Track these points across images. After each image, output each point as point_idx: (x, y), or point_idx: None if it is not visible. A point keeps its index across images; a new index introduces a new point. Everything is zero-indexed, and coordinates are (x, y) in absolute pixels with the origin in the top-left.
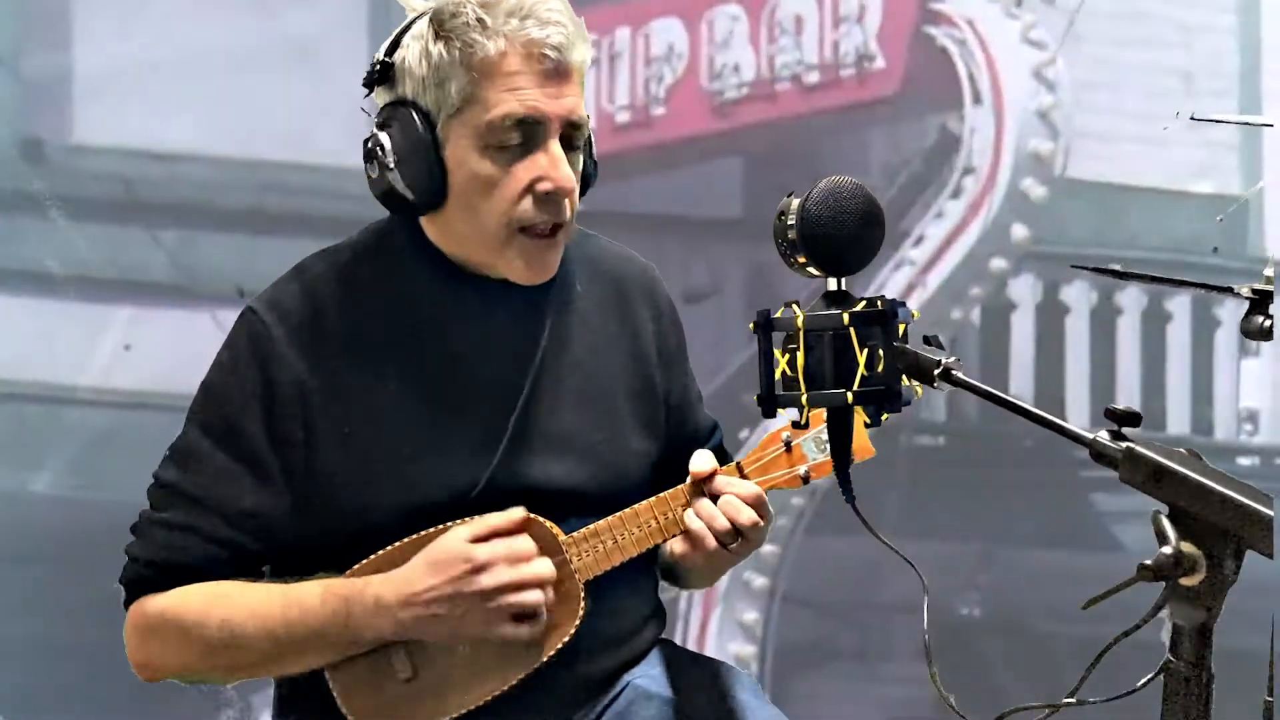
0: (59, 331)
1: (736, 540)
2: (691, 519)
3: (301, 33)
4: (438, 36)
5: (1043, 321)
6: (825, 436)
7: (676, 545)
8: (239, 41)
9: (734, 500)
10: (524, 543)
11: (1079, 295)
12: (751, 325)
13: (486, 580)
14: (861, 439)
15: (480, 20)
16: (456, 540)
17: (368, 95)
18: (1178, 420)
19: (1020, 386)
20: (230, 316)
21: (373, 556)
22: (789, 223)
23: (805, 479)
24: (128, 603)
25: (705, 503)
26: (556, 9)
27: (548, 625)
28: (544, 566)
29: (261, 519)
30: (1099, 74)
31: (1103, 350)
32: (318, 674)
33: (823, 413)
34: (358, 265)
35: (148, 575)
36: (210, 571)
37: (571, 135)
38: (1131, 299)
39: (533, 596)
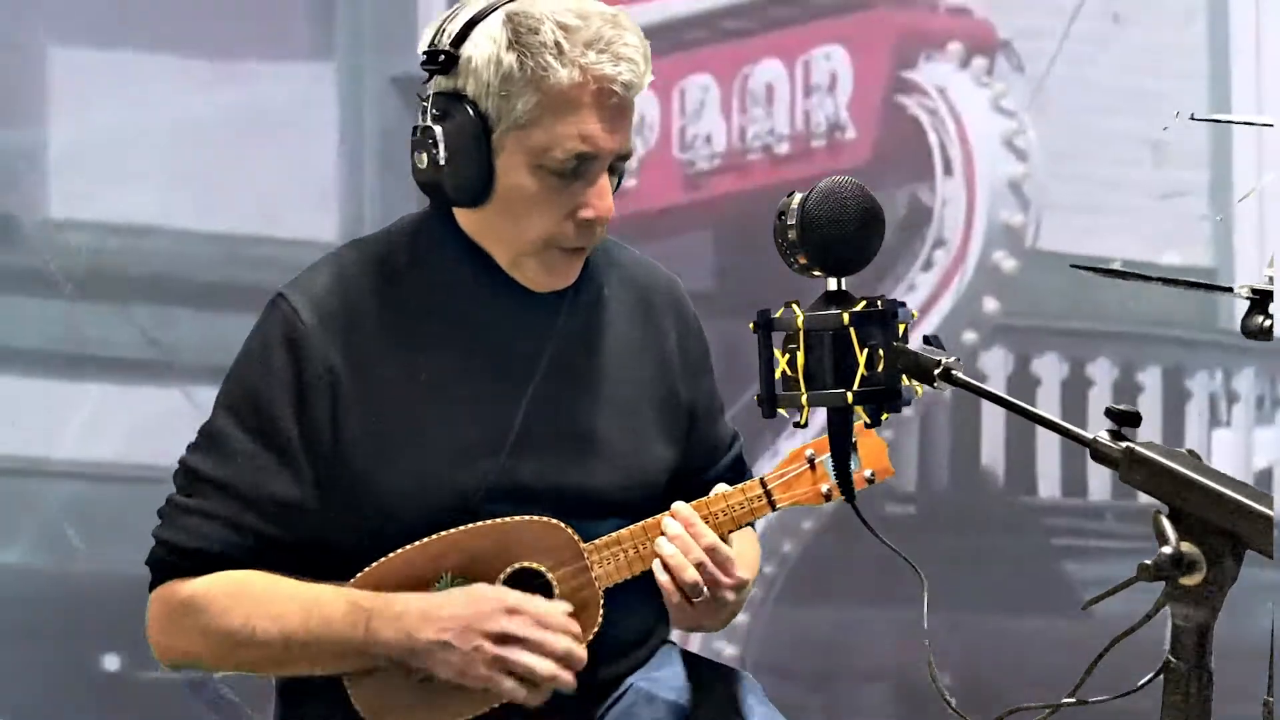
0: (31, 406)
1: (701, 593)
2: (658, 571)
3: (272, 105)
4: (511, 46)
5: (1014, 394)
6: (839, 454)
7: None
8: (211, 114)
9: (678, 556)
10: (562, 609)
11: (1050, 367)
12: (752, 325)
13: (508, 624)
14: (882, 460)
15: (559, 45)
16: (501, 589)
17: (429, 80)
18: None
19: (991, 459)
20: (201, 392)
21: (382, 560)
22: (789, 223)
23: (828, 496)
24: (153, 584)
25: (667, 547)
26: (633, 44)
27: (543, 698)
28: (571, 646)
29: (288, 507)
30: (1069, 143)
31: (1074, 422)
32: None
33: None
34: (391, 256)
35: (173, 560)
36: (235, 559)
37: (617, 164)
38: (1103, 370)
39: (543, 666)
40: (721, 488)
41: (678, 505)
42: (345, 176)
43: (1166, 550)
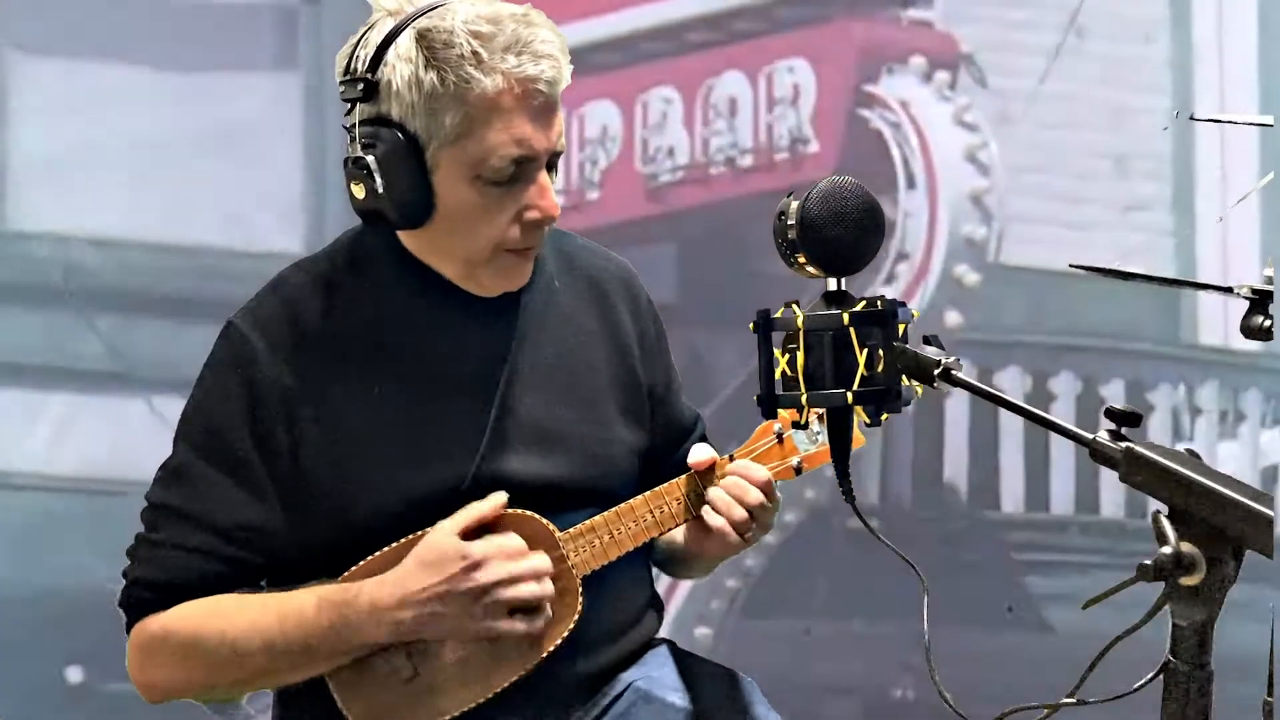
0: None
1: (751, 528)
2: (711, 515)
3: (238, 118)
4: (429, 64)
5: (976, 408)
6: (816, 428)
7: (687, 536)
8: (175, 126)
9: (740, 482)
10: (515, 539)
11: (1013, 381)
12: (752, 325)
13: (482, 576)
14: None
15: (476, 54)
16: (445, 536)
17: (349, 110)
18: (1111, 504)
19: (954, 473)
20: (166, 403)
21: (364, 562)
22: (789, 222)
23: (798, 470)
24: (129, 625)
25: (719, 494)
26: (549, 40)
27: (546, 620)
28: (540, 560)
29: (255, 530)
30: (1031, 157)
31: (1036, 436)
32: (318, 677)
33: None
34: (335, 274)
35: (146, 596)
36: (208, 587)
37: (553, 160)
38: (1066, 384)
39: (530, 590)
40: (700, 453)
41: (699, 450)
42: (309, 188)
43: (1166, 550)
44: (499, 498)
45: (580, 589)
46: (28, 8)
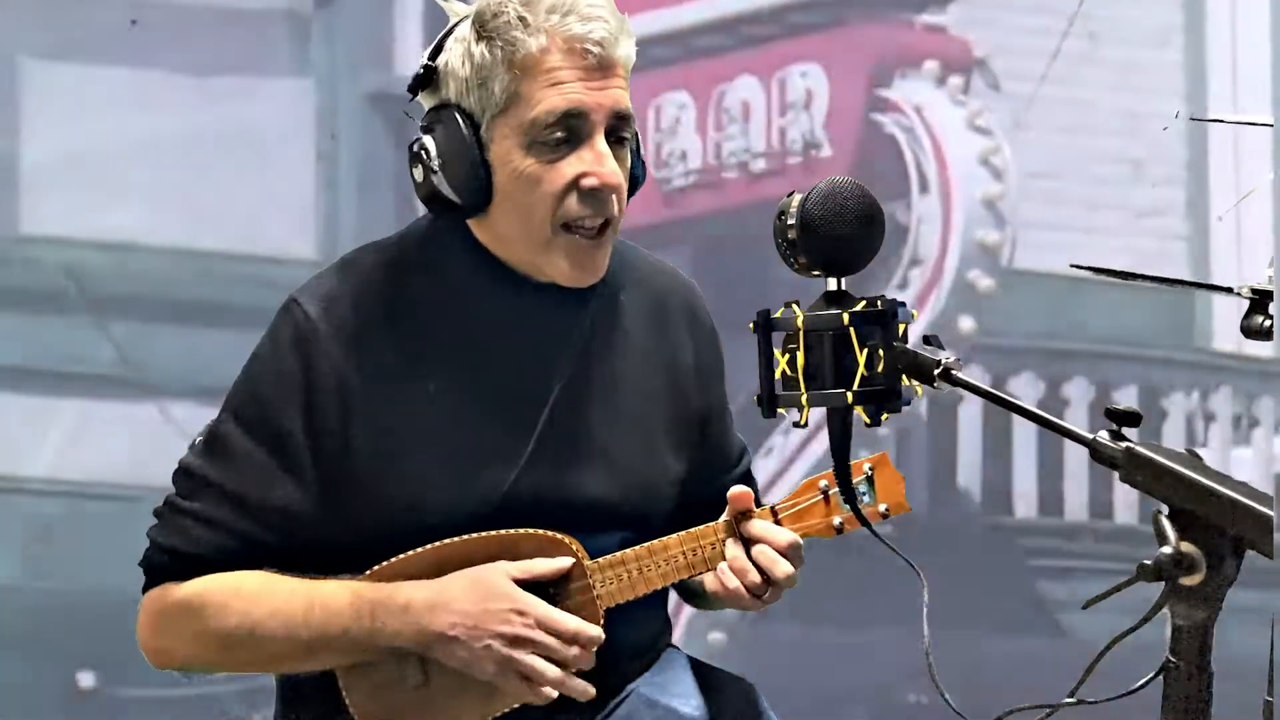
0: (6, 423)
1: (768, 591)
2: (726, 574)
3: (250, 123)
4: (480, 37)
5: (989, 414)
6: (863, 489)
7: (708, 579)
8: (187, 131)
9: (768, 552)
10: (571, 619)
11: (1026, 387)
12: (752, 325)
13: (520, 629)
14: (899, 495)
15: (522, 19)
16: (502, 575)
17: (412, 99)
18: (1125, 510)
19: (967, 479)
20: (178, 408)
21: (388, 562)
22: (789, 222)
23: (839, 530)
24: (146, 587)
25: (740, 557)
26: (599, 4)
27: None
28: (579, 653)
29: (288, 515)
30: (1045, 162)
31: (1050, 442)
32: (325, 673)
33: (862, 463)
34: (405, 262)
35: (166, 562)
36: (226, 563)
37: (618, 127)
38: (1080, 390)
39: (552, 673)
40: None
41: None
42: (322, 193)
43: (1166, 550)
44: (565, 562)
45: (603, 621)
46: (41, 13)
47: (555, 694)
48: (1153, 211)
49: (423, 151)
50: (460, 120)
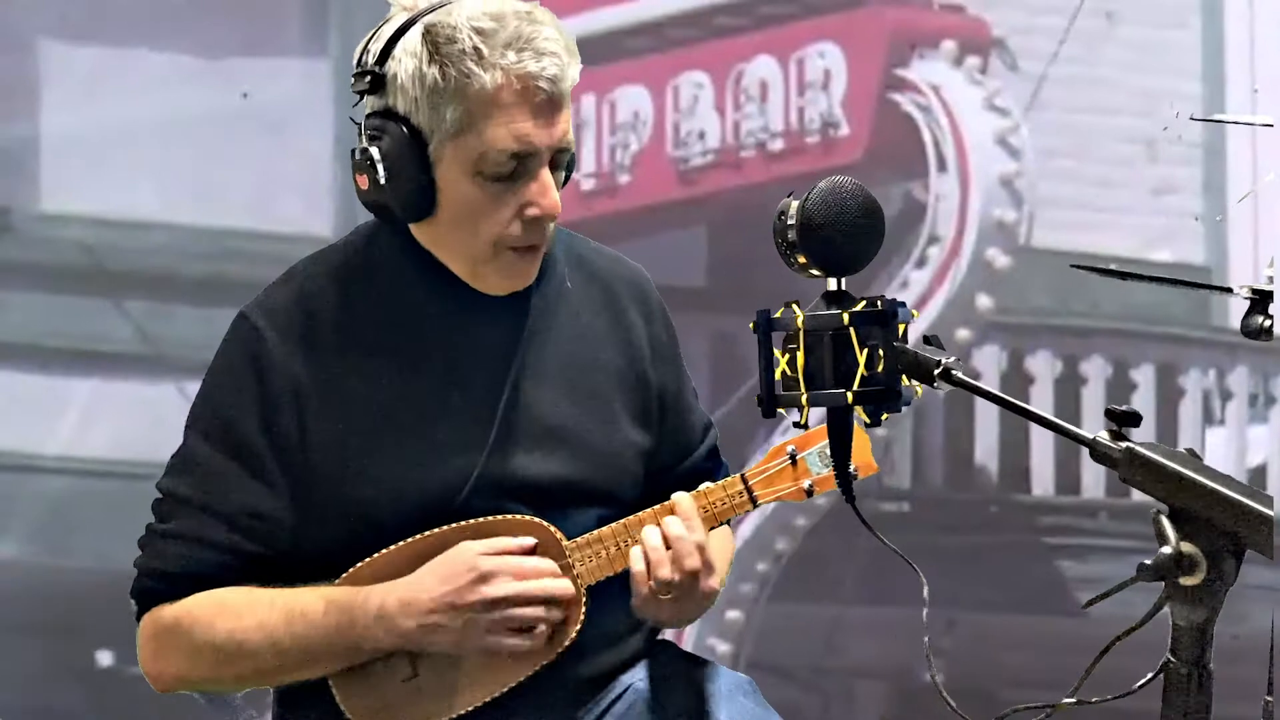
0: (23, 400)
1: (670, 593)
2: (634, 559)
3: (267, 101)
4: (432, 59)
5: (1007, 391)
6: (829, 451)
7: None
8: (205, 110)
9: (683, 538)
10: (533, 560)
11: (1043, 365)
12: (751, 325)
13: (489, 590)
14: (865, 455)
15: (477, 50)
16: (466, 550)
17: (358, 103)
18: None
19: (984, 456)
20: (195, 387)
21: (367, 560)
22: (789, 223)
23: (809, 492)
24: (139, 615)
25: (654, 540)
26: (552, 37)
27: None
28: (551, 583)
29: (264, 520)
30: (1062, 141)
31: (1068, 419)
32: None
33: (824, 427)
34: (348, 267)
35: (156, 587)
36: (217, 578)
37: (558, 158)
38: (1096, 368)
39: (531, 612)
40: (705, 486)
41: (679, 497)
42: (339, 172)
43: (1166, 550)
44: (528, 541)
45: (584, 599)
46: None
47: (543, 631)
48: (1169, 190)
49: (368, 160)
50: (409, 136)
